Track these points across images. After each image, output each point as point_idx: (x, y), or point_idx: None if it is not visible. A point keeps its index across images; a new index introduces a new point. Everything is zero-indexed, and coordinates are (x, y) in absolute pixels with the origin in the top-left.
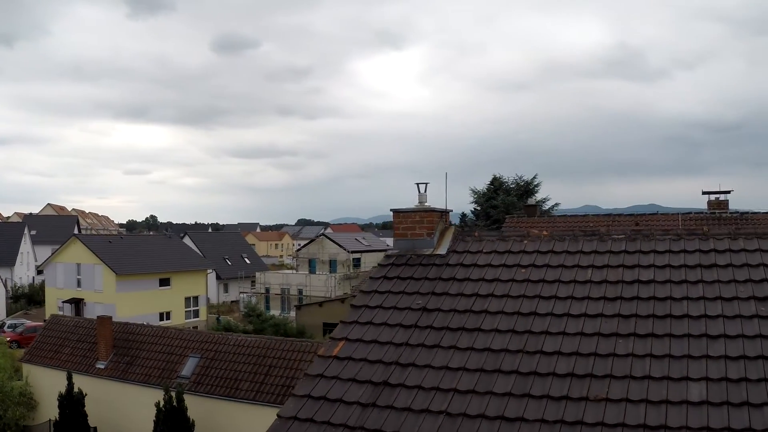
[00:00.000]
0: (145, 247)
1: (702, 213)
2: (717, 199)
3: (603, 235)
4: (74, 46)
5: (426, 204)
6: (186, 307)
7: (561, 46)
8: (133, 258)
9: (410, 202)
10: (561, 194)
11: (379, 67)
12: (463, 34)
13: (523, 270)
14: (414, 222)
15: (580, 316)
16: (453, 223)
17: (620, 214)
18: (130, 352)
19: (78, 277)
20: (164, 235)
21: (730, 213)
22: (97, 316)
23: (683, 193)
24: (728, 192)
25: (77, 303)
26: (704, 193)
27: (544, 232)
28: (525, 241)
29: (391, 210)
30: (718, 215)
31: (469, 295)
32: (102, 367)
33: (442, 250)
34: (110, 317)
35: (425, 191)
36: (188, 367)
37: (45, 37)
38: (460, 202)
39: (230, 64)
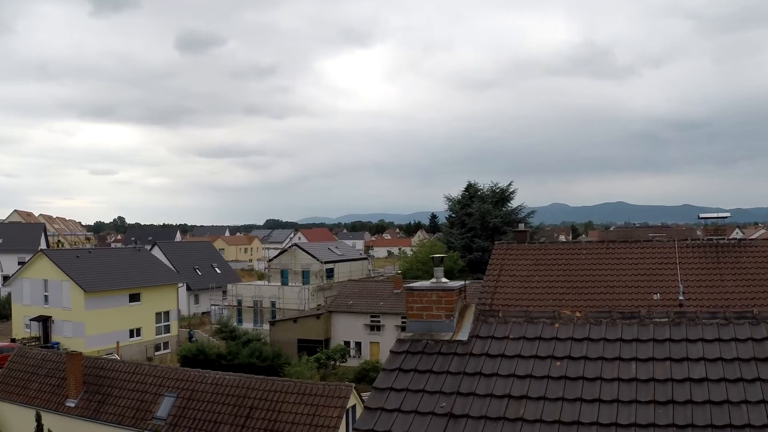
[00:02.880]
0: (114, 261)
1: (697, 240)
2: (714, 224)
3: (644, 318)
4: (38, 45)
5: (443, 280)
6: (157, 323)
7: (529, 44)
8: (101, 273)
9: (378, 202)
10: (529, 192)
11: (345, 65)
12: (431, 32)
13: (558, 364)
14: (430, 302)
15: (629, 426)
16: (423, 224)
17: (614, 241)
18: (101, 389)
19: (45, 293)
20: (133, 248)
21: (728, 239)
22: (66, 353)
23: (650, 191)
24: (725, 217)
25: (45, 321)
26: (700, 217)
27: (578, 314)
28: (557, 325)
29: (404, 287)
30: (715, 242)
31: (501, 397)
32: (72, 405)
33: (464, 335)
34: (80, 353)
35: (441, 264)
36: (164, 407)
37: (9, 35)
38: (431, 202)
39: (195, 63)
